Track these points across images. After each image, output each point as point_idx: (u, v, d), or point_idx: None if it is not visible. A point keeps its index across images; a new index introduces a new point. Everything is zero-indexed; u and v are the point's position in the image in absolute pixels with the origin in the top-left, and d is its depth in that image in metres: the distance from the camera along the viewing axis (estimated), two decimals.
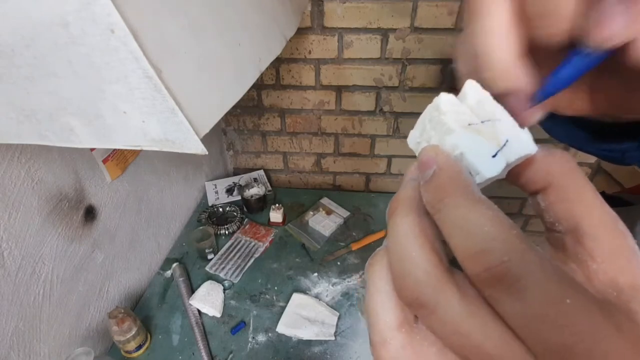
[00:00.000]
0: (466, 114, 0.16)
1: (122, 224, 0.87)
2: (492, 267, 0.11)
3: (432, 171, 0.14)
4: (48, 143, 0.38)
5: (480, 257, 0.12)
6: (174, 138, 0.35)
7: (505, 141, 0.15)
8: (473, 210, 0.13)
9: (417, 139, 0.18)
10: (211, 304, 0.89)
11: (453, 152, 0.15)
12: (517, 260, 0.11)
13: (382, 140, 1.29)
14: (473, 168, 0.15)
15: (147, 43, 0.30)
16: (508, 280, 0.11)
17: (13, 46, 0.31)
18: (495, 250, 0.12)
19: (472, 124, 0.15)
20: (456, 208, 0.13)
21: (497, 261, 0.11)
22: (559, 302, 0.11)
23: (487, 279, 0.12)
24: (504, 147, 0.15)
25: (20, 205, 0.60)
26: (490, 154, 0.14)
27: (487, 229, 0.12)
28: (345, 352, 0.82)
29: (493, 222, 0.12)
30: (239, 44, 0.50)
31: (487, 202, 0.13)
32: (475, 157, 0.14)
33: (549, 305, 0.11)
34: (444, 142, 0.15)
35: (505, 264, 0.11)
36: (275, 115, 1.28)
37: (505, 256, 0.11)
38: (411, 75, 1.13)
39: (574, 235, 0.13)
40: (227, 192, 1.31)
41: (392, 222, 0.15)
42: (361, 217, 1.21)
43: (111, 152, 0.80)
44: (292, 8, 0.80)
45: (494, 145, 0.15)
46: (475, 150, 0.15)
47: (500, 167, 0.14)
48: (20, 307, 0.62)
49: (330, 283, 0.98)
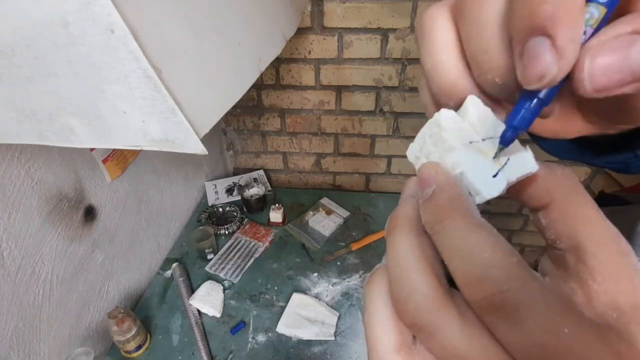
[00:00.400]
0: (467, 131, 0.15)
1: (122, 224, 0.87)
2: (491, 295, 0.12)
3: (432, 190, 0.14)
4: (48, 143, 0.38)
5: (479, 284, 0.12)
6: (174, 138, 0.35)
7: (507, 160, 0.15)
8: (473, 234, 0.13)
9: (417, 153, 0.18)
10: (211, 304, 0.89)
11: (453, 171, 0.15)
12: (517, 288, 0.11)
13: (382, 140, 1.29)
14: (473, 188, 0.14)
15: (147, 43, 0.30)
16: (507, 309, 0.11)
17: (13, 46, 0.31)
18: (495, 278, 0.12)
19: (473, 141, 0.15)
20: (456, 231, 0.13)
21: (497, 289, 0.11)
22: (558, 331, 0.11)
23: (487, 307, 0.12)
24: (505, 165, 0.14)
25: (20, 205, 0.60)
26: (491, 174, 0.14)
27: (487, 255, 0.12)
28: (345, 352, 0.82)
29: (493, 248, 0.12)
30: (239, 44, 0.50)
31: (487, 227, 0.13)
32: (476, 177, 0.14)
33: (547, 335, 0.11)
34: (444, 160, 0.15)
35: (505, 293, 0.11)
36: (275, 115, 1.28)
37: (505, 285, 0.11)
38: (411, 75, 1.13)
39: (575, 253, 0.13)
40: (227, 192, 1.31)
41: (391, 240, 0.15)
42: (361, 217, 1.21)
43: (111, 152, 0.80)
44: (292, 8, 0.80)
45: (495, 165, 0.15)
46: (476, 169, 0.14)
47: (502, 187, 0.14)
48: (20, 307, 0.62)
49: (330, 283, 0.98)
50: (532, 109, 0.14)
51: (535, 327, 0.11)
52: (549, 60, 0.12)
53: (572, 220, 0.13)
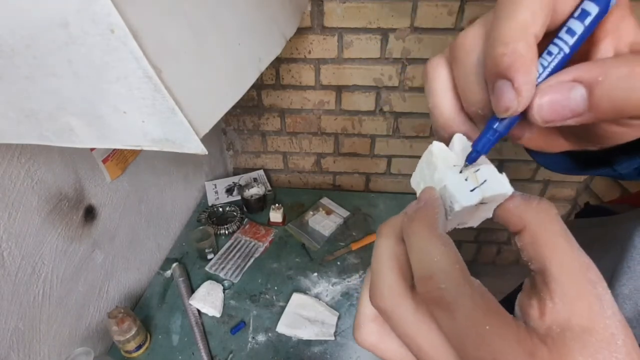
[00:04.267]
0: (452, 158, 0.19)
1: (122, 224, 0.87)
2: (432, 290, 0.15)
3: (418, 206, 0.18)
4: (48, 143, 0.38)
5: (425, 280, 0.15)
6: (174, 138, 0.35)
7: (484, 181, 0.18)
8: (430, 243, 0.16)
9: (417, 179, 0.21)
10: (211, 304, 0.89)
11: (439, 185, 0.19)
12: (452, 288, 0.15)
13: (382, 140, 1.29)
14: (453, 197, 0.18)
15: (147, 43, 0.30)
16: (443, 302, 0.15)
17: (13, 46, 0.31)
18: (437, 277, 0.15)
19: (457, 165, 0.19)
20: (418, 238, 0.16)
21: (437, 286, 0.15)
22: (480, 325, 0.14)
23: (429, 299, 0.15)
24: (482, 184, 0.18)
25: (20, 205, 0.60)
26: (468, 189, 0.18)
27: (436, 259, 0.15)
28: (345, 352, 0.82)
29: (442, 256, 0.15)
30: (239, 44, 0.50)
31: (443, 239, 0.16)
32: (455, 189, 0.18)
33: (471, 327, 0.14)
34: (432, 178, 0.19)
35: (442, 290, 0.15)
36: (275, 115, 1.28)
37: (443, 283, 0.15)
38: (411, 75, 1.13)
39: (542, 276, 0.15)
40: (227, 192, 1.31)
41: (376, 242, 0.19)
42: (361, 217, 1.21)
43: (111, 152, 0.80)
44: (292, 8, 0.80)
45: (472, 183, 0.18)
46: (456, 183, 0.18)
47: (476, 199, 0.17)
48: (20, 307, 0.62)
49: (330, 283, 0.98)
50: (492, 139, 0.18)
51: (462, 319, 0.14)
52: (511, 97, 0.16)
53: (540, 246, 0.15)
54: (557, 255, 0.15)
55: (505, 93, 0.16)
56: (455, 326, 0.14)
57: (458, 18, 1.01)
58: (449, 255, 0.15)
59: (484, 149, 0.18)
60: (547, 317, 0.14)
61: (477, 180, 0.18)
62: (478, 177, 0.18)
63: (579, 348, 0.13)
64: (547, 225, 0.16)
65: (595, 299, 0.14)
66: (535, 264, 0.15)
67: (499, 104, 0.16)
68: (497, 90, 0.16)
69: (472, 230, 0.37)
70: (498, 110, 0.16)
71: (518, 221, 0.17)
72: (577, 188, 1.36)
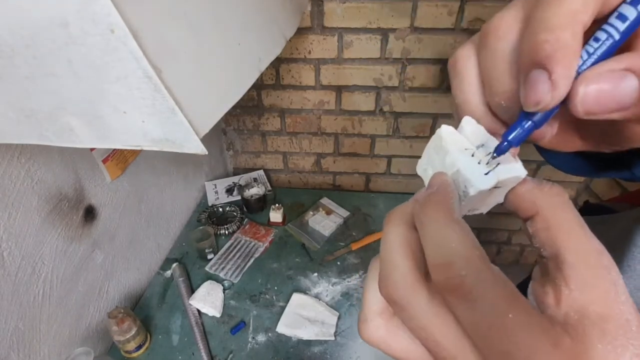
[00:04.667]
0: (463, 141, 0.18)
1: (122, 224, 0.87)
2: (451, 278, 0.14)
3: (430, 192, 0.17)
4: (48, 143, 0.38)
5: (443, 268, 0.14)
6: (174, 138, 0.35)
7: (497, 164, 0.17)
8: (447, 228, 0.15)
9: (424, 166, 0.20)
10: (211, 304, 0.89)
11: (451, 170, 0.18)
12: (473, 275, 0.14)
13: (382, 140, 1.29)
14: (468, 181, 0.17)
15: (147, 43, 0.30)
16: (463, 291, 0.14)
17: (13, 46, 0.31)
18: (457, 264, 0.14)
19: (468, 148, 0.18)
20: (434, 223, 0.15)
21: (456, 274, 0.14)
22: (503, 315, 0.13)
23: (447, 287, 0.14)
24: (496, 168, 0.17)
25: (20, 205, 0.60)
26: (483, 172, 0.17)
27: (454, 245, 0.14)
28: (345, 352, 0.82)
29: (460, 241, 0.14)
30: (239, 44, 0.50)
31: (461, 224, 0.15)
32: (469, 173, 0.17)
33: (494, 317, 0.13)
34: (444, 163, 0.18)
35: (462, 277, 0.14)
36: (275, 115, 1.28)
37: (463, 270, 0.14)
38: (411, 75, 1.13)
39: (555, 262, 0.14)
40: (227, 192, 1.31)
41: (385, 229, 0.18)
42: (361, 217, 1.21)
43: (111, 152, 0.80)
44: (292, 8, 0.80)
45: (486, 166, 0.17)
46: (470, 167, 0.17)
47: (492, 181, 0.16)
48: (20, 307, 0.62)
49: (330, 283, 0.98)
50: (526, 130, 0.16)
51: (484, 309, 0.13)
52: (545, 90, 0.14)
53: (554, 232, 0.15)
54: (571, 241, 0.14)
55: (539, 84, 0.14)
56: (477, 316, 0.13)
57: (458, 18, 1.01)
58: (468, 241, 0.15)
59: (515, 140, 0.17)
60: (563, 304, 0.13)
61: (491, 164, 0.17)
62: (491, 160, 0.17)
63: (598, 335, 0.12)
64: (560, 210, 0.15)
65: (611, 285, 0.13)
66: (548, 250, 0.15)
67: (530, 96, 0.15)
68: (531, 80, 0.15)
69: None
70: (527, 103, 0.15)
71: (530, 206, 0.16)
72: (577, 188, 1.36)
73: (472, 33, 1.03)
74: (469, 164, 0.17)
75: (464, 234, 0.15)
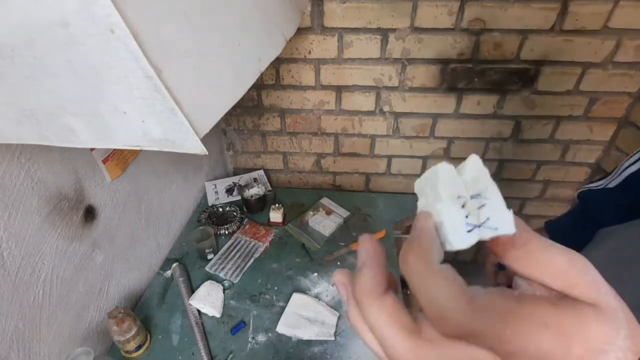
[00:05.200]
0: (459, 186, 0.18)
1: (122, 224, 0.87)
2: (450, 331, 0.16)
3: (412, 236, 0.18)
4: (48, 143, 0.38)
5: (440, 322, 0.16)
6: (174, 138, 0.35)
7: (486, 219, 0.17)
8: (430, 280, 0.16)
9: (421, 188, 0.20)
10: (211, 304, 0.89)
11: (438, 217, 0.18)
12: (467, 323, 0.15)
13: (382, 140, 1.29)
14: (446, 238, 0.17)
15: (147, 43, 0.30)
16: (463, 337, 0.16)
17: (13, 46, 0.31)
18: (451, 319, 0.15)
19: (461, 197, 0.18)
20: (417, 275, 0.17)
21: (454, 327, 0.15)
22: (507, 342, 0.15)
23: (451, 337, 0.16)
24: (483, 224, 0.17)
25: (20, 205, 0.60)
26: (466, 229, 0.17)
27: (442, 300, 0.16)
28: (345, 352, 0.82)
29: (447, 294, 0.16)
30: (239, 44, 0.50)
31: (444, 272, 0.16)
32: (451, 229, 0.17)
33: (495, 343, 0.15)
34: (433, 206, 0.18)
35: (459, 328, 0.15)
36: (275, 115, 1.28)
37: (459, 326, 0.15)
38: (411, 75, 1.13)
39: None
40: (227, 192, 1.31)
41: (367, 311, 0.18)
42: (361, 217, 1.21)
43: (111, 152, 0.80)
44: (292, 8, 0.80)
45: (473, 221, 0.17)
46: (453, 222, 0.17)
47: (472, 241, 0.17)
48: (20, 307, 0.62)
49: (330, 283, 0.98)
50: None
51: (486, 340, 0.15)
52: None
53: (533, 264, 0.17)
54: None
55: None
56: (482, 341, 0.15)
57: (458, 18, 1.01)
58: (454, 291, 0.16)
59: None
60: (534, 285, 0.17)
61: (479, 219, 0.17)
62: (481, 214, 0.17)
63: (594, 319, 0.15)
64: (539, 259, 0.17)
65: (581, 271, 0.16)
66: None
67: None
68: None
69: None
70: None
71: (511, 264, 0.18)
72: (578, 188, 1.36)
73: (472, 33, 1.03)
74: (455, 221, 0.17)
75: (448, 283, 0.16)
